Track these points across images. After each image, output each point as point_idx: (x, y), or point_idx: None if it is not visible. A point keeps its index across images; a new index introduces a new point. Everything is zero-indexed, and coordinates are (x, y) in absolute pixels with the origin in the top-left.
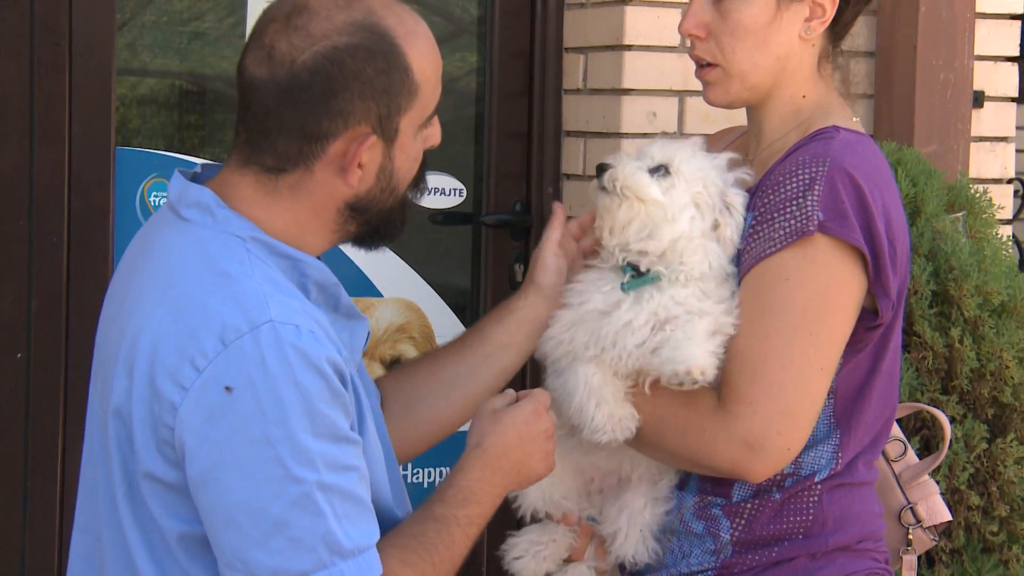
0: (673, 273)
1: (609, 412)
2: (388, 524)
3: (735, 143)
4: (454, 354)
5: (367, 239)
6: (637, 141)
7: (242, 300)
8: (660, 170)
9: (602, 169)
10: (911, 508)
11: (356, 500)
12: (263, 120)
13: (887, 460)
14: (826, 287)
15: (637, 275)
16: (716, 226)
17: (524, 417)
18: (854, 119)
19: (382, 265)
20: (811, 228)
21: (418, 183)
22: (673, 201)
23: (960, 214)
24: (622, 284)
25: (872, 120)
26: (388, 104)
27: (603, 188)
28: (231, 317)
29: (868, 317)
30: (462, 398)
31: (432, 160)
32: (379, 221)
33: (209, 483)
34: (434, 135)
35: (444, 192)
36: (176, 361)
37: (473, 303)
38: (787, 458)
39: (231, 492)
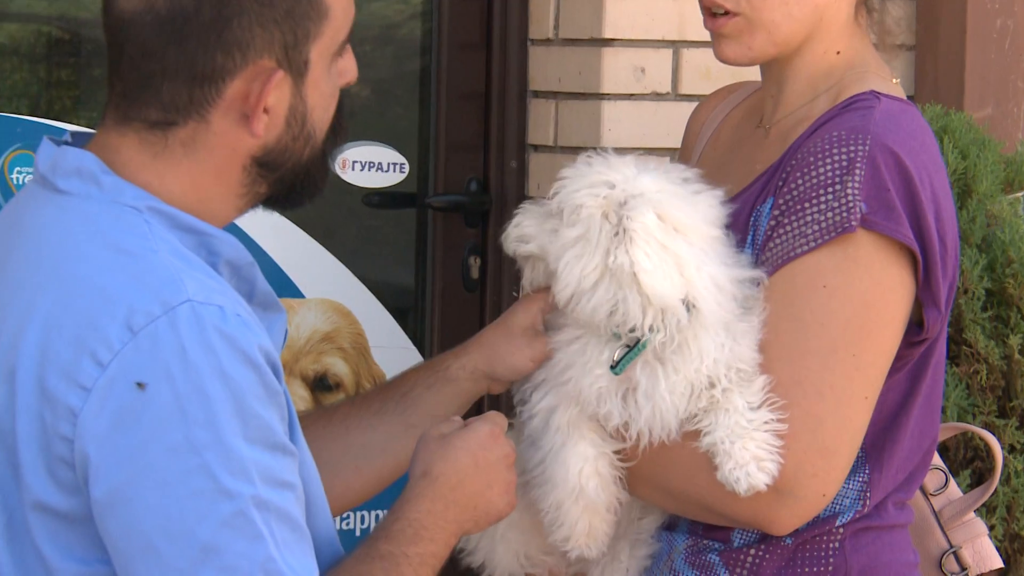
0: (659, 332)
1: (592, 525)
2: (330, 560)
3: (744, 104)
4: (370, 415)
5: (282, 199)
6: (621, 104)
7: (150, 279)
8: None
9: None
10: (954, 553)
11: (295, 525)
12: (142, 63)
13: (925, 494)
14: (871, 295)
15: (625, 346)
16: (608, 259)
17: (479, 440)
18: (894, 80)
19: (303, 258)
20: (852, 223)
21: (336, 129)
22: (553, 244)
23: (1020, 194)
24: (611, 367)
25: (912, 78)
26: (294, 30)
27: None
28: (139, 299)
29: (911, 330)
30: (375, 473)
31: (365, 127)
32: (294, 177)
33: (120, 504)
34: (349, 69)
35: (381, 168)
36: (72, 357)
37: (418, 306)
38: (821, 505)
39: (148, 514)
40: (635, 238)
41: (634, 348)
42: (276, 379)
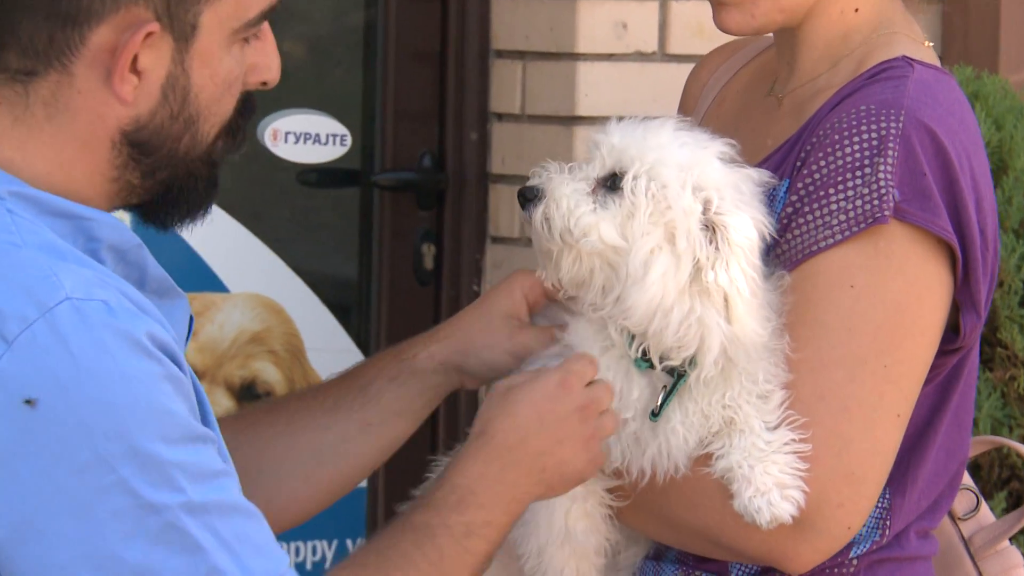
0: (690, 369)
1: (580, 571)
2: None
3: (752, 65)
4: (322, 413)
5: (156, 207)
6: (599, 66)
7: (18, 278)
8: (614, 183)
9: (527, 198)
10: None
11: (242, 510)
12: None
13: (953, 520)
14: (905, 297)
15: (665, 383)
16: (698, 269)
17: (546, 392)
18: (926, 43)
19: (227, 245)
20: (884, 213)
21: (233, 131)
22: (634, 241)
23: None
24: (652, 413)
25: (939, 37)
26: None
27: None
28: (8, 303)
29: (946, 337)
30: (327, 480)
31: (300, 93)
32: (172, 175)
33: (28, 541)
34: (263, 66)
35: (319, 140)
36: None
37: (362, 302)
38: (845, 539)
39: (65, 544)
40: (740, 254)
41: (674, 387)
42: (176, 365)
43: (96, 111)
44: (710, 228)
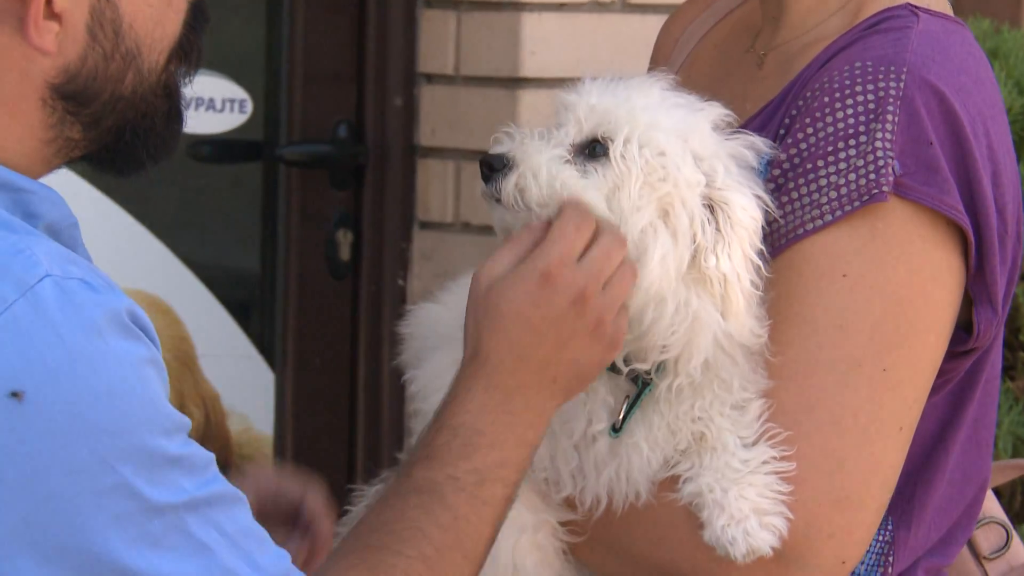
0: (665, 375)
1: None
2: None
3: (731, 18)
4: None
5: (110, 155)
6: (548, 18)
7: None
8: (594, 150)
9: (492, 168)
10: None
11: (239, 501)
12: None
13: (977, 557)
14: (908, 288)
15: (629, 388)
16: (697, 252)
17: (528, 296)
18: None
19: (106, 233)
20: (883, 188)
21: (186, 50)
22: (625, 217)
23: None
24: (613, 428)
25: None
26: None
27: (497, 201)
28: None
29: (957, 336)
30: None
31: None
32: (122, 120)
33: (17, 554)
34: None
35: (214, 106)
36: None
37: (265, 299)
38: (839, 575)
39: (60, 558)
40: (744, 237)
41: (639, 396)
42: (154, 345)
43: (17, 69)
44: (708, 206)
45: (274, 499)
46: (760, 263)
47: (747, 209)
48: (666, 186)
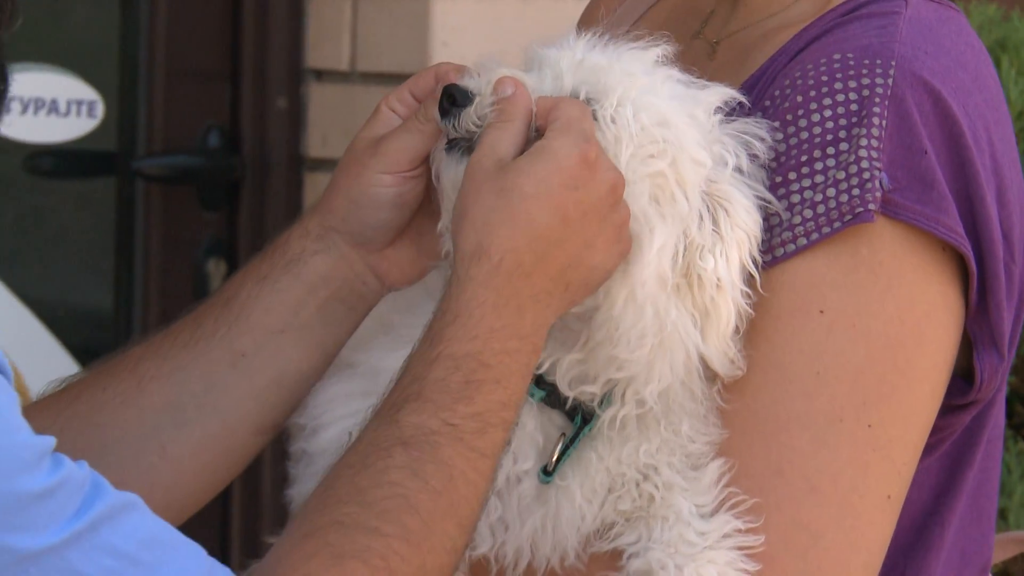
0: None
1: None
2: None
3: (658, 7)
4: (174, 355)
5: None
6: (461, 5)
7: None
8: None
9: (455, 101)
10: None
11: (130, 505)
12: None
13: None
14: (897, 328)
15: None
16: (688, 250)
17: (566, 175)
18: None
19: None
20: (868, 206)
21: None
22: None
23: None
24: (541, 471)
25: None
26: None
27: (450, 144)
28: None
29: (954, 386)
30: (194, 448)
31: (30, 42)
32: None
33: None
34: None
35: (57, 109)
36: None
37: (119, 343)
38: None
39: None
40: (743, 243)
41: (579, 434)
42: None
43: None
44: (709, 206)
45: None
46: (755, 276)
47: (751, 212)
48: (660, 163)
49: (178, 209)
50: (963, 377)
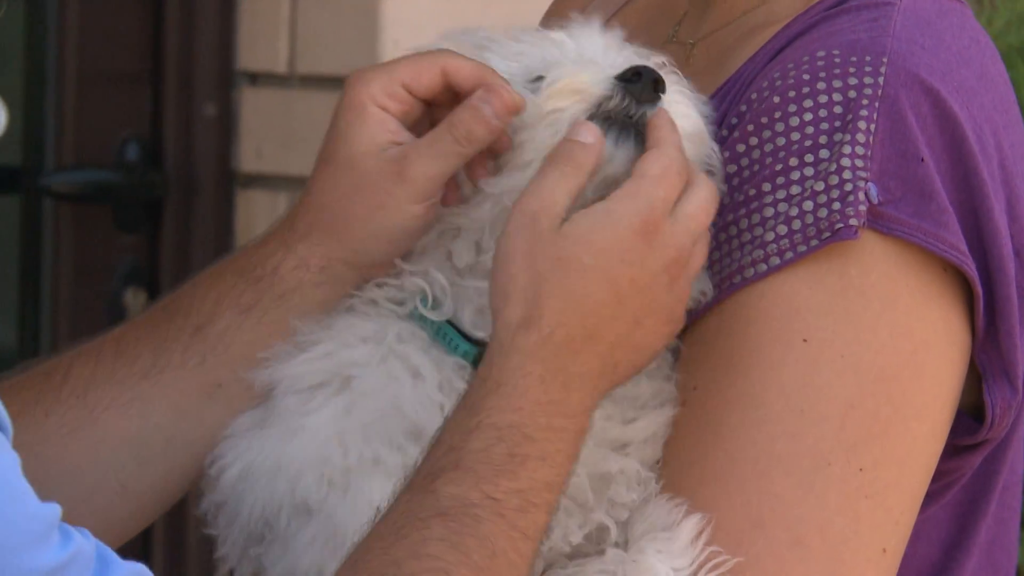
0: None
1: None
2: None
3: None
4: (133, 384)
5: None
6: None
7: None
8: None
9: (658, 88)
10: None
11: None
12: None
13: None
14: (892, 358)
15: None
16: None
17: (624, 247)
18: None
19: None
20: (849, 221)
21: None
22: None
23: None
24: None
25: None
26: None
27: (631, 124)
28: None
29: (961, 425)
30: (155, 486)
31: None
32: None
33: None
34: None
35: None
36: None
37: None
38: None
39: None
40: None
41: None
42: None
43: None
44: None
45: None
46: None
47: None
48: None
49: (91, 231)
50: (971, 414)
